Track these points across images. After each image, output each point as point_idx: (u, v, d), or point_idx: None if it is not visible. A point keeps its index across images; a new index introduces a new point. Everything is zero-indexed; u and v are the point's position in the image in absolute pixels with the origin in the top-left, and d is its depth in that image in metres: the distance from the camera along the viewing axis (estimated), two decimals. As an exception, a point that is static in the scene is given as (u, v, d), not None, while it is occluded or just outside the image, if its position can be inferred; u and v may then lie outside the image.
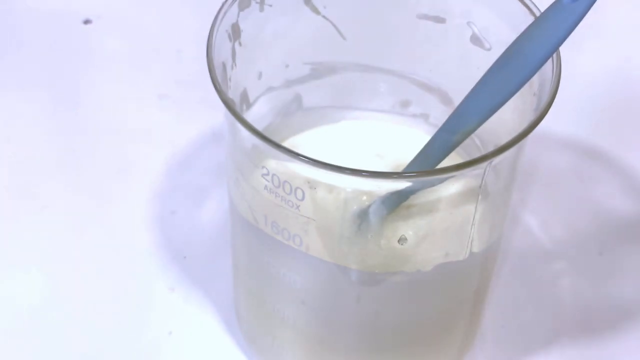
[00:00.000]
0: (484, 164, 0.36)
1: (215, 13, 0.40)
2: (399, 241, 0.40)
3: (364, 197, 0.40)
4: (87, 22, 0.65)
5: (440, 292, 0.43)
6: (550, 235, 0.54)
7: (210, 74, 0.37)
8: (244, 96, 0.44)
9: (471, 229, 0.40)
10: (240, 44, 0.41)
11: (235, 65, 0.41)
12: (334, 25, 0.45)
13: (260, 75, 0.44)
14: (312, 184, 0.38)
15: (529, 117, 0.37)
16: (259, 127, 0.40)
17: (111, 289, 0.51)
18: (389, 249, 0.41)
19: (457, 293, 0.44)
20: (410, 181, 0.37)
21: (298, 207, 0.38)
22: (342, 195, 0.39)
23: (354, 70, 0.47)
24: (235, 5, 0.40)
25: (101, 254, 0.53)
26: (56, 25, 0.65)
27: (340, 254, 0.40)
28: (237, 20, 0.41)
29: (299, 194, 0.37)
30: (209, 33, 0.39)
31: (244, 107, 0.44)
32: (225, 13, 0.40)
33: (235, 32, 0.41)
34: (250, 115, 0.45)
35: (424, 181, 0.38)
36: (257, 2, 0.41)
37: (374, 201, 0.40)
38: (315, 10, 0.44)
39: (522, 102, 0.40)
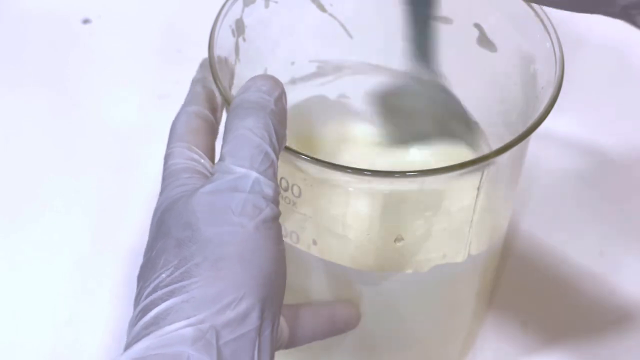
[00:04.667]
0: (483, 165, 0.36)
1: (216, 13, 0.40)
2: (395, 240, 0.40)
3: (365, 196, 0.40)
4: (86, 21, 0.65)
5: (439, 294, 0.42)
6: (551, 235, 0.54)
7: (211, 69, 0.37)
8: None
9: (469, 230, 0.40)
10: (244, 39, 0.41)
11: (239, 60, 0.41)
12: (341, 24, 0.45)
13: (265, 72, 0.44)
14: (309, 181, 0.37)
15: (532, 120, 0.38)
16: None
17: (111, 289, 0.51)
18: (386, 248, 0.41)
19: (457, 295, 0.44)
20: (411, 180, 0.37)
21: (295, 203, 0.38)
22: (342, 193, 0.39)
23: (361, 69, 0.47)
24: (240, 0, 0.40)
25: (101, 253, 0.53)
26: (56, 25, 0.65)
27: (337, 252, 0.40)
28: (242, 16, 0.40)
29: (296, 190, 0.37)
30: (212, 28, 0.39)
31: None
32: (229, 8, 0.40)
33: (239, 28, 0.41)
34: None
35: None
36: None
37: None
38: (322, 8, 0.44)
39: (525, 105, 0.40)
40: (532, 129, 0.36)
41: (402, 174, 0.37)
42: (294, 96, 0.47)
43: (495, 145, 0.44)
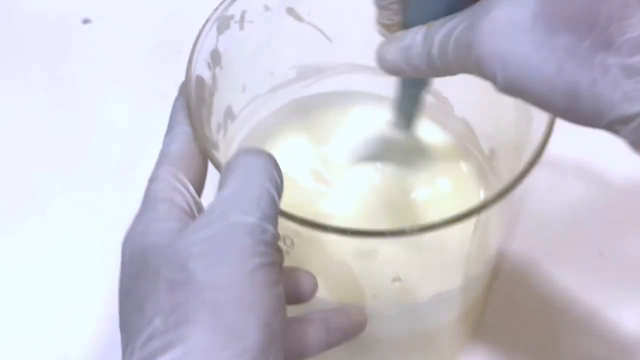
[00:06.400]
0: (476, 213, 0.35)
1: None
2: (393, 281, 0.40)
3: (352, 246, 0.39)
4: (86, 21, 0.65)
5: (438, 314, 0.43)
6: (551, 235, 0.53)
7: (191, 118, 0.36)
8: (229, 112, 0.43)
9: (467, 259, 0.40)
10: (221, 68, 0.40)
11: (217, 89, 0.40)
12: (319, 30, 0.45)
13: (244, 88, 0.44)
14: (302, 235, 0.36)
15: (524, 127, 0.38)
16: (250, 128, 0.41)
17: (111, 289, 0.51)
18: (384, 289, 0.40)
19: (454, 310, 0.44)
20: (397, 238, 0.36)
21: (288, 252, 0.37)
22: (336, 244, 0.38)
23: (343, 69, 0.47)
24: (214, 29, 0.39)
25: (101, 254, 0.53)
26: (56, 25, 0.64)
27: (334, 294, 0.40)
28: (217, 46, 0.39)
29: (288, 241, 0.36)
30: (187, 71, 0.37)
31: (229, 122, 0.43)
32: (203, 43, 0.38)
33: (214, 59, 0.39)
34: (236, 125, 0.44)
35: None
36: (236, 22, 0.40)
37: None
38: (299, 19, 0.44)
39: (517, 114, 0.40)
40: (522, 174, 0.35)
41: (401, 231, 0.35)
42: (275, 103, 0.47)
43: (485, 143, 0.44)
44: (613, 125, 0.30)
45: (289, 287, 0.36)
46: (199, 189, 0.35)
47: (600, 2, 0.29)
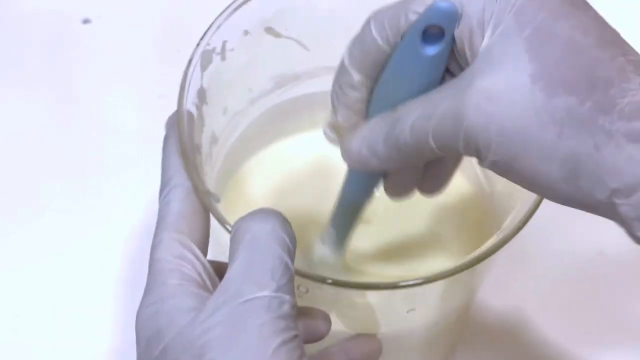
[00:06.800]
0: (481, 260, 0.35)
1: (216, 13, 0.40)
2: (408, 311, 0.40)
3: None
4: (86, 21, 0.65)
5: (441, 328, 0.43)
6: (550, 234, 0.53)
7: (193, 182, 0.35)
8: (213, 138, 0.43)
9: (476, 278, 0.41)
10: (206, 103, 0.40)
11: (204, 125, 0.40)
12: (297, 41, 0.44)
13: (225, 111, 0.44)
14: (316, 284, 0.36)
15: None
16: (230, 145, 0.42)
17: (110, 290, 0.51)
18: (398, 318, 0.41)
19: (457, 322, 0.45)
20: (402, 288, 0.36)
21: (302, 297, 0.37)
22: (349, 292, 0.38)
23: (317, 72, 0.47)
24: (198, 68, 0.39)
25: (100, 254, 0.53)
26: (56, 25, 0.64)
27: (349, 327, 0.40)
28: (201, 84, 0.39)
29: (303, 288, 0.36)
30: (178, 127, 0.36)
31: (213, 147, 0.43)
32: (189, 86, 0.38)
33: (201, 97, 0.39)
34: (218, 146, 0.44)
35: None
36: (217, 54, 0.40)
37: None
38: (277, 35, 0.43)
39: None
40: (524, 220, 0.36)
41: (393, 284, 0.35)
42: (252, 114, 0.47)
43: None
44: (614, 197, 0.28)
45: (304, 327, 0.35)
46: (204, 245, 0.34)
47: (598, 65, 0.28)
